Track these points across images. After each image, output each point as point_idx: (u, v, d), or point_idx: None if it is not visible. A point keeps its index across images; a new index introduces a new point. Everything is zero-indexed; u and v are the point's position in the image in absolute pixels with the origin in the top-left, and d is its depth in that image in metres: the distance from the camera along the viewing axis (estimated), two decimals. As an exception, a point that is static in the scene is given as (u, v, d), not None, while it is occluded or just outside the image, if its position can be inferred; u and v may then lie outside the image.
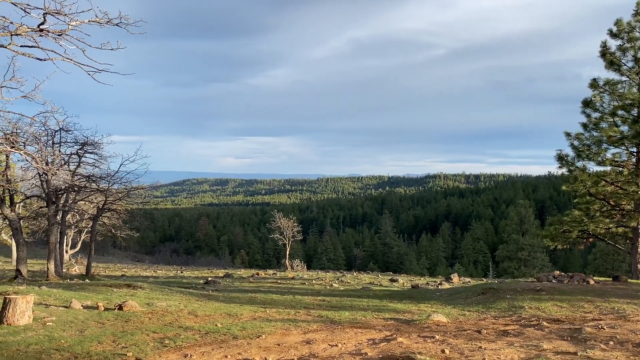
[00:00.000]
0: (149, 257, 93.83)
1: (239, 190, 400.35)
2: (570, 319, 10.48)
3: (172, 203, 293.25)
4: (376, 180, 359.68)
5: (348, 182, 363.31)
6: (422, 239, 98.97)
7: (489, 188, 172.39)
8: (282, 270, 37.60)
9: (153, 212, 42.71)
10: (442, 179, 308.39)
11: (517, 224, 47.97)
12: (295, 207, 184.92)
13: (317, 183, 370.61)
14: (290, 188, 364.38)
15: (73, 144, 20.81)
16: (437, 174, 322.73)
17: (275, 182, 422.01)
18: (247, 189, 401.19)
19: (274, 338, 8.82)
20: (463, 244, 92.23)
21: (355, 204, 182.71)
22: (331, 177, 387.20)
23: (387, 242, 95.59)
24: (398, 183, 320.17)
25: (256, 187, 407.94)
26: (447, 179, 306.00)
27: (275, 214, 41.12)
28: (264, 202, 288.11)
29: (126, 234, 27.54)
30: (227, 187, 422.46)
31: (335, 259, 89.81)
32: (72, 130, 20.17)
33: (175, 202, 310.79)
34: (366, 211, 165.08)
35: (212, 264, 74.46)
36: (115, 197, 23.66)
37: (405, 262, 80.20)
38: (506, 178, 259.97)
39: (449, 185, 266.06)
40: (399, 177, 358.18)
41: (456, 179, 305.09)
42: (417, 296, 16.23)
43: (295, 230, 40.73)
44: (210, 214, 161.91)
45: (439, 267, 76.63)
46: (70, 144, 20.77)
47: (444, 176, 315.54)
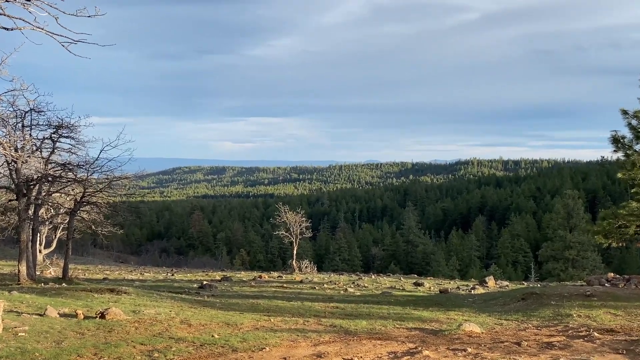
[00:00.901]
0: (134, 258, 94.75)
1: (238, 180, 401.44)
2: (626, 329, 10.42)
3: (160, 195, 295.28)
4: (398, 167, 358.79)
5: (365, 170, 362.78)
6: (452, 236, 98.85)
7: (530, 176, 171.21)
8: (288, 273, 37.79)
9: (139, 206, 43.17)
10: (476, 165, 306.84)
11: (564, 218, 47.64)
12: (304, 199, 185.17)
13: (329, 171, 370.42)
14: (297, 177, 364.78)
15: (46, 127, 20.96)
16: (470, 159, 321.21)
17: (280, 170, 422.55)
18: (248, 179, 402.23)
19: (280, 351, 8.88)
20: (500, 242, 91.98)
21: (374, 195, 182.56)
22: (345, 164, 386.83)
23: (411, 239, 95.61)
24: (424, 170, 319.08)
25: (258, 176, 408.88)
26: (481, 166, 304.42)
27: (281, 207, 41.27)
28: (267, 194, 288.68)
29: (108, 231, 27.82)
30: (225, 176, 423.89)
31: (351, 259, 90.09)
32: (44, 111, 20.28)
33: (164, 193, 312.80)
34: (386, 204, 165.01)
35: (207, 265, 75.07)
36: (95, 189, 23.87)
37: (432, 262, 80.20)
38: (551, 164, 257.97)
39: (484, 172, 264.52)
40: (424, 163, 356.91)
41: (492, 165, 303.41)
42: (446, 302, 16.23)
43: (304, 226, 40.84)
44: (204, 208, 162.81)
45: (472, 268, 76.48)
46: (43, 127, 20.93)
47: (477, 162, 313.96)
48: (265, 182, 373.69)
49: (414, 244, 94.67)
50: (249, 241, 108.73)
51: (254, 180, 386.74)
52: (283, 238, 42.32)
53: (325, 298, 17.98)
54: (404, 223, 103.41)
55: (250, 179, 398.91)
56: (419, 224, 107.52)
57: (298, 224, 40.26)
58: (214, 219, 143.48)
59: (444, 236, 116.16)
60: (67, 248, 24.97)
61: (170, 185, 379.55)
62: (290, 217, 40.24)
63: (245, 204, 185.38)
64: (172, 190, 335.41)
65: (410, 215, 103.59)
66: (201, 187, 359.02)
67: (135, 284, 23.39)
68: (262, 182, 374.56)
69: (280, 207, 41.64)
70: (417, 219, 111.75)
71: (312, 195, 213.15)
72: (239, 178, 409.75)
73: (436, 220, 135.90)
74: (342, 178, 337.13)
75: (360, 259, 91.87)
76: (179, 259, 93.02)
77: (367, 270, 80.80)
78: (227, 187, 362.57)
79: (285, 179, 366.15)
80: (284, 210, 40.81)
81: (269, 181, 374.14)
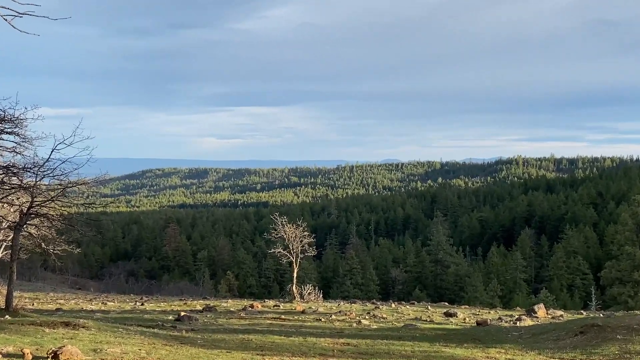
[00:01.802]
0: (95, 283, 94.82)
1: (224, 185, 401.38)
2: None
3: (127, 204, 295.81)
4: (423, 168, 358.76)
5: (382, 172, 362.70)
6: (492, 254, 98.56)
7: (590, 178, 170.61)
8: (287, 301, 37.79)
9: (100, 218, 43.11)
10: (521, 165, 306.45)
11: (633, 231, 47.52)
12: (306, 208, 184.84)
13: (337, 173, 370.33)
14: (297, 181, 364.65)
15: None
16: (514, 158, 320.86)
17: (277, 172, 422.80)
18: (236, 183, 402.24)
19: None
20: (552, 261, 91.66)
21: (393, 203, 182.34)
22: (357, 165, 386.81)
23: (441, 258, 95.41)
24: (456, 172, 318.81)
25: (249, 180, 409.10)
26: (527, 165, 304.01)
27: (277, 219, 41.26)
28: (260, 202, 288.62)
29: (62, 250, 27.88)
30: (207, 181, 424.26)
31: (365, 283, 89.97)
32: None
33: (131, 202, 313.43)
34: (409, 213, 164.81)
35: (186, 291, 75.08)
36: (46, 197, 23.93)
37: (467, 287, 80.00)
38: (615, 163, 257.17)
39: (531, 174, 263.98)
40: (456, 163, 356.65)
41: (541, 165, 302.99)
42: (485, 337, 16.20)
43: (306, 243, 40.82)
44: (182, 220, 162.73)
45: (517, 294, 76.21)
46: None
47: (523, 161, 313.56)
48: (258, 187, 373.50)
49: (444, 264, 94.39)
50: (237, 261, 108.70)
51: (244, 186, 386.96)
52: (280, 257, 42.28)
53: (334, 332, 17.96)
54: (431, 238, 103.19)
55: (239, 183, 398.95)
56: (450, 239, 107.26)
57: (299, 239, 40.20)
58: (194, 233, 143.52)
59: (481, 254, 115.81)
60: (11, 272, 25.02)
61: (139, 192, 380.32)
62: (289, 231, 40.18)
63: (233, 214, 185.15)
64: (142, 199, 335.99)
65: (440, 227, 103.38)
66: (178, 194, 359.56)
67: (96, 316, 23.42)
68: (254, 187, 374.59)
69: (276, 218, 41.61)
70: (448, 233, 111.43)
71: (316, 204, 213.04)
72: (225, 183, 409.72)
73: (472, 234, 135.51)
74: (354, 182, 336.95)
75: (376, 283, 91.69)
76: (150, 285, 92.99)
77: (386, 297, 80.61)
78: (209, 194, 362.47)
79: (283, 184, 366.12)
80: (281, 222, 40.78)
81: (262, 186, 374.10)
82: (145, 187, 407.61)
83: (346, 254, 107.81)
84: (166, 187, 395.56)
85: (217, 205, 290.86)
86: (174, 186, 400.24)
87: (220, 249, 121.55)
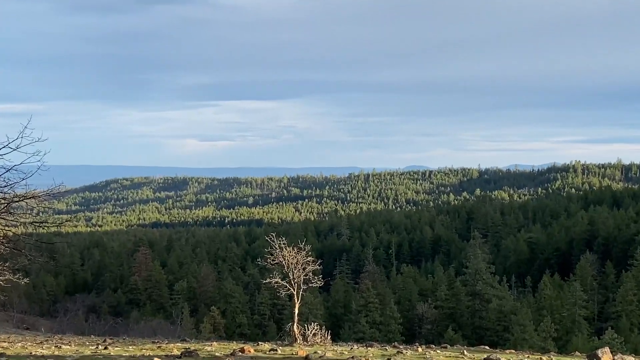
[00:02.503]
0: (47, 322, 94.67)
1: (208, 198, 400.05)
2: None
3: (87, 223, 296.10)
4: (457, 176, 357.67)
5: (406, 181, 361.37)
6: (544, 285, 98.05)
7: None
8: (286, 344, 37.67)
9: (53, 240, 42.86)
10: (580, 173, 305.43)
11: None
12: (310, 227, 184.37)
13: (349, 183, 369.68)
14: (299, 193, 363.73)
15: None
16: (570, 164, 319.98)
17: (273, 182, 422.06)
18: (222, 196, 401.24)
19: None
20: (620, 293, 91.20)
21: (420, 220, 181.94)
22: (374, 173, 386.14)
23: (479, 290, 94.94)
24: (497, 182, 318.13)
25: (238, 192, 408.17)
26: (588, 174, 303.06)
27: (274, 241, 41.21)
28: (253, 219, 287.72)
29: (6, 281, 27.90)
30: (187, 193, 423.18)
31: (384, 321, 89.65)
32: None
33: (93, 220, 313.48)
34: (439, 234, 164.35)
35: (160, 332, 74.88)
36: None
37: (513, 327, 79.59)
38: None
39: (593, 184, 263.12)
40: (498, 170, 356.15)
41: (605, 172, 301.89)
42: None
43: (310, 271, 40.72)
44: (155, 242, 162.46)
45: (576, 335, 75.81)
46: None
47: (582, 168, 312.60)
48: (250, 201, 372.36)
49: (483, 297, 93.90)
50: (224, 294, 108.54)
51: (232, 199, 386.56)
52: (278, 289, 42.12)
53: (346, 384, 17.92)
54: (467, 264, 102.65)
55: (226, 196, 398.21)
56: (492, 266, 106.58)
57: (301, 266, 40.00)
58: (170, 259, 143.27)
59: (530, 285, 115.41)
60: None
61: (103, 208, 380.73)
62: (288, 256, 40.00)
63: (219, 235, 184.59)
64: (105, 216, 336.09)
65: (478, 252, 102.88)
66: (150, 209, 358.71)
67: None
68: (245, 201, 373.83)
69: (273, 240, 41.53)
70: (489, 259, 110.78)
71: (322, 222, 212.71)
72: (209, 195, 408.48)
73: (518, 260, 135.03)
74: (370, 194, 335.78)
75: (399, 321, 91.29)
76: (115, 323, 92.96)
77: (411, 338, 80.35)
78: (190, 209, 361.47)
79: (281, 197, 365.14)
80: (279, 245, 40.67)
81: (256, 200, 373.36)
82: (109, 201, 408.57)
83: (360, 284, 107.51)
84: (136, 201, 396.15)
85: (199, 223, 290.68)
86: (146, 200, 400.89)
87: (203, 279, 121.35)
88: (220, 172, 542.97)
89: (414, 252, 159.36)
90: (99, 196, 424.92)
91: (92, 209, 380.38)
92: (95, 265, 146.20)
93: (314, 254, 44.23)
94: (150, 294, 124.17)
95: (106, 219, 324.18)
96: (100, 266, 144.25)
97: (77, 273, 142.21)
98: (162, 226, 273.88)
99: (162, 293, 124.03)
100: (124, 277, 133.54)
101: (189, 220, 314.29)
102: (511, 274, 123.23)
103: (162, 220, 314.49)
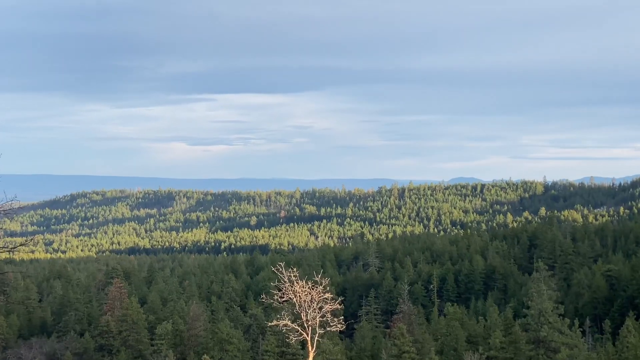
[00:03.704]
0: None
1: (199, 218, 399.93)
2: None
3: (47, 247, 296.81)
4: (516, 192, 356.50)
5: (451, 198, 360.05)
6: (627, 330, 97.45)
7: None
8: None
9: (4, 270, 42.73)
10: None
11: None
12: (329, 255, 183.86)
13: (380, 200, 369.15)
14: (315, 212, 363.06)
15: None
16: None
17: (282, 197, 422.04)
18: (217, 215, 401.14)
19: None
20: None
21: (469, 247, 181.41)
22: (411, 186, 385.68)
23: (545, 336, 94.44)
24: (568, 199, 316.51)
25: (238, 209, 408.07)
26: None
27: (283, 273, 41.13)
28: (256, 245, 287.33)
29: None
30: (172, 211, 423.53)
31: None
32: None
33: (54, 244, 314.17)
34: (493, 265, 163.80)
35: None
36: None
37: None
38: None
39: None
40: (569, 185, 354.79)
41: None
42: None
43: (328, 311, 40.63)
44: (132, 273, 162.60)
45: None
46: None
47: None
48: (252, 221, 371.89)
49: (549, 346, 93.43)
50: (219, 340, 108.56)
51: (230, 219, 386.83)
52: (287, 334, 42.01)
53: None
54: (529, 304, 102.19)
55: (223, 215, 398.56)
56: (560, 306, 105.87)
57: (317, 305, 39.87)
58: (151, 294, 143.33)
59: (610, 330, 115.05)
60: None
61: (67, 229, 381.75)
62: (301, 293, 39.87)
63: (213, 265, 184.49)
64: (70, 239, 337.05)
65: (542, 288, 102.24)
66: (126, 231, 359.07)
67: None
68: (246, 222, 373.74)
69: (281, 272, 41.46)
70: (557, 296, 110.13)
71: (345, 249, 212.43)
72: (201, 214, 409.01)
73: (594, 299, 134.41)
74: (406, 213, 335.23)
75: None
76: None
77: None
78: (176, 231, 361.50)
79: (292, 216, 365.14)
80: (290, 277, 40.57)
81: (260, 220, 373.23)
82: (75, 220, 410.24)
83: (393, 329, 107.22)
84: (109, 221, 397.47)
85: (188, 249, 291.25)
86: (121, 219, 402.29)
87: (193, 320, 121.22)
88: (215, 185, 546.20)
89: (462, 287, 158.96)
90: (62, 214, 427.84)
91: (54, 230, 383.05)
92: (57, 301, 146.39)
93: (333, 290, 44.16)
94: (125, 339, 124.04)
95: (71, 243, 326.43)
96: (63, 303, 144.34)
97: (34, 311, 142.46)
98: (142, 252, 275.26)
99: (140, 337, 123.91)
100: (93, 316, 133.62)
101: (176, 246, 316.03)
102: (585, 316, 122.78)
103: (142, 245, 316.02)
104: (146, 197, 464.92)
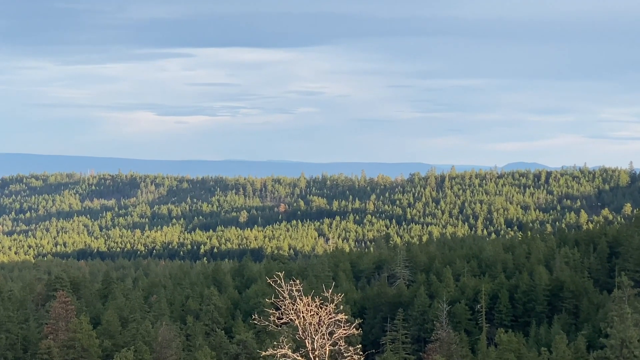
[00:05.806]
0: None
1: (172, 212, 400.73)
2: None
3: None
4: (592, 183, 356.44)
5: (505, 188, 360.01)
6: None
7: None
8: None
9: None
10: None
11: None
12: (343, 263, 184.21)
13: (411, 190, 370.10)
14: (324, 206, 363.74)
15: None
16: None
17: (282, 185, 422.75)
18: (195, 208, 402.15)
19: None
20: None
21: (528, 255, 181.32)
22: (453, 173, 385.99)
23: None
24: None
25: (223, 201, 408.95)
26: None
27: (282, 287, 41.36)
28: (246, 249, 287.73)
29: None
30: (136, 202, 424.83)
31: None
32: None
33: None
34: (562, 279, 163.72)
35: None
36: None
37: None
38: None
39: None
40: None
41: None
42: None
43: (341, 337, 40.86)
44: (82, 284, 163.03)
45: None
46: None
47: None
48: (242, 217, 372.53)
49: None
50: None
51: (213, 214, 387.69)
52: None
53: None
54: (608, 331, 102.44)
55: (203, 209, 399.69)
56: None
57: (326, 329, 40.09)
58: (108, 313, 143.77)
59: None
60: None
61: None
62: (305, 313, 40.05)
63: (189, 274, 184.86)
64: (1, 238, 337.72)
65: (627, 310, 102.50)
66: (75, 228, 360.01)
67: None
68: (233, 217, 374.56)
69: (280, 285, 41.68)
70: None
71: (364, 256, 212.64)
72: (174, 207, 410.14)
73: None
74: (446, 209, 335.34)
75: None
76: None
77: None
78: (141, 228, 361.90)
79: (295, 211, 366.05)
80: (291, 292, 40.80)
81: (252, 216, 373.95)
82: (7, 212, 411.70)
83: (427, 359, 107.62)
84: (52, 215, 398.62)
85: (156, 253, 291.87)
86: (68, 213, 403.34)
87: (162, 347, 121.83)
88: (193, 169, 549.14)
89: (519, 309, 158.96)
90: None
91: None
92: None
93: (349, 310, 44.26)
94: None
95: (1, 244, 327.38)
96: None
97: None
98: (95, 257, 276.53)
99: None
100: (30, 341, 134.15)
101: (140, 248, 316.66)
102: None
103: (95, 247, 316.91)
104: (101, 183, 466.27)
